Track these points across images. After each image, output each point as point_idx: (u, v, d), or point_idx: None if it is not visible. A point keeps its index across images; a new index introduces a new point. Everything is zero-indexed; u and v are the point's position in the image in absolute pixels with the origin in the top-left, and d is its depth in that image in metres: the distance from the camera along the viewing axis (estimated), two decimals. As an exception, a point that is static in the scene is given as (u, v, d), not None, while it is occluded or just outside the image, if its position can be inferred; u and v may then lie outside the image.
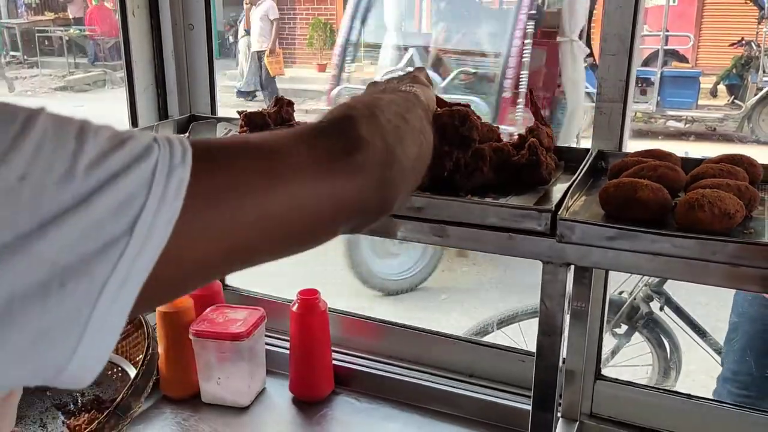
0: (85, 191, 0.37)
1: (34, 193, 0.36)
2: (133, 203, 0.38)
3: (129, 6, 1.44)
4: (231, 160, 0.45)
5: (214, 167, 0.44)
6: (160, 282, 0.40)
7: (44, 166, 0.36)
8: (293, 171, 0.48)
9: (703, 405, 1.24)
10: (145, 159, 0.40)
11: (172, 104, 1.55)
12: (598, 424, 1.28)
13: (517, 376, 1.36)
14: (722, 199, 0.83)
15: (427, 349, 1.46)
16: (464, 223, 0.92)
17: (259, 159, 0.47)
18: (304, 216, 0.49)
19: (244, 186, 0.45)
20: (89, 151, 0.38)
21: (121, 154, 0.39)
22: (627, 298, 2.68)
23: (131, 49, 1.47)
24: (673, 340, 2.66)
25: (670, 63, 8.46)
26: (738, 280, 0.80)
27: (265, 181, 0.46)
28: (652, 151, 1.05)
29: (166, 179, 0.40)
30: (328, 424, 1.39)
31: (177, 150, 0.41)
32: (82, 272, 0.37)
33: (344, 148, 0.52)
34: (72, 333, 0.37)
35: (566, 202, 0.89)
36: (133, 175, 0.39)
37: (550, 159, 1.05)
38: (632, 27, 1.11)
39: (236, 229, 0.44)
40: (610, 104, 1.15)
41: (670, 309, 2.68)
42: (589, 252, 0.85)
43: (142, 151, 0.40)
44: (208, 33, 1.53)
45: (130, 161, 0.39)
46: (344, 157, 0.52)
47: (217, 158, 0.45)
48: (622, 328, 2.72)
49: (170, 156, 0.41)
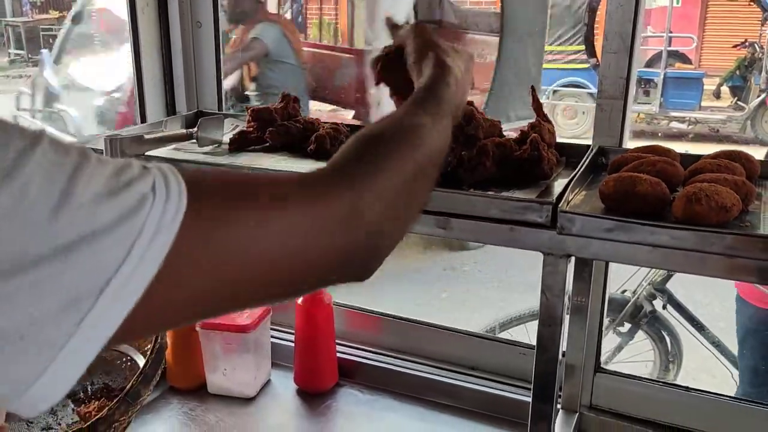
0: (62, 243, 0.36)
1: (13, 234, 0.35)
2: (108, 266, 0.38)
3: (139, 4, 1.46)
4: (226, 211, 0.45)
5: (206, 218, 0.43)
6: (130, 330, 0.40)
7: (28, 206, 0.36)
8: (289, 227, 0.48)
9: (701, 397, 1.26)
10: (135, 215, 0.39)
11: (179, 100, 1.58)
12: (597, 416, 1.30)
13: (518, 369, 1.39)
14: (719, 193, 0.85)
15: (429, 342, 1.48)
16: (467, 215, 0.94)
17: (255, 220, 0.46)
18: (294, 266, 0.49)
19: (234, 235, 0.44)
20: (79, 195, 0.37)
21: (112, 206, 0.38)
22: (630, 297, 2.70)
23: (140, 46, 1.50)
24: (674, 336, 2.69)
25: (673, 64, 8.47)
26: (734, 271, 0.82)
27: (257, 233, 0.46)
28: (651, 147, 1.07)
29: (149, 242, 0.39)
30: (332, 415, 1.42)
31: (171, 204, 0.40)
32: (43, 328, 0.36)
33: (341, 211, 0.51)
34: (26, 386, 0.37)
35: (567, 196, 0.92)
36: (115, 235, 0.38)
37: (551, 154, 1.07)
38: (633, 26, 1.13)
39: (219, 282, 0.44)
40: (611, 101, 1.17)
41: (672, 307, 2.71)
42: (589, 243, 0.87)
43: (135, 204, 0.39)
44: (216, 30, 1.56)
45: (117, 219, 0.38)
46: (340, 221, 0.51)
47: (211, 206, 0.44)
48: (625, 326, 2.74)
49: (161, 213, 0.40)
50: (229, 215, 0.44)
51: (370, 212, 0.53)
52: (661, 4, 9.14)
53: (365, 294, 1.22)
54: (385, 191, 0.55)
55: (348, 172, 0.54)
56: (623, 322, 2.71)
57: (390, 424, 1.37)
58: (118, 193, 0.39)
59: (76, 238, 0.37)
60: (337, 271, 0.54)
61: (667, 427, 1.27)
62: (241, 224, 0.45)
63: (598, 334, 1.31)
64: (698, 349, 2.71)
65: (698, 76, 8.15)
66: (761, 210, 0.93)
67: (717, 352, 2.63)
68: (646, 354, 2.77)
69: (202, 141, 1.26)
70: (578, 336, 1.26)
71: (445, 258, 4.73)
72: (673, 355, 2.70)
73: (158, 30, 1.53)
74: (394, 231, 0.57)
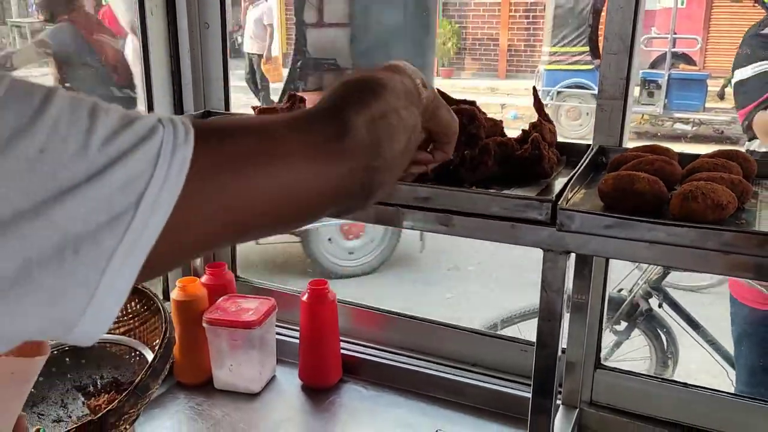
0: (96, 167, 0.40)
1: (52, 165, 0.39)
2: (139, 179, 0.41)
3: (147, 5, 1.49)
4: (230, 140, 0.49)
5: (214, 147, 0.47)
6: (163, 251, 0.43)
7: (61, 140, 0.39)
8: (285, 153, 0.52)
9: (699, 393, 1.27)
10: (151, 138, 0.43)
11: (187, 100, 1.60)
12: (597, 412, 1.32)
13: (519, 365, 1.41)
14: (715, 191, 0.87)
15: (431, 339, 1.51)
16: (469, 212, 0.96)
17: (255, 141, 0.51)
18: (292, 196, 0.52)
19: (241, 165, 0.48)
20: (101, 130, 0.41)
21: (130, 133, 0.42)
22: (627, 296, 2.72)
23: (149, 47, 1.52)
24: (670, 333, 2.70)
25: (677, 65, 8.47)
26: (730, 267, 0.84)
27: (259, 161, 0.50)
28: (650, 146, 1.09)
29: (170, 157, 0.43)
30: (336, 411, 1.44)
31: (180, 131, 0.44)
32: (93, 241, 0.40)
33: (333, 134, 0.55)
34: (82, 295, 0.40)
35: (566, 193, 0.94)
36: (140, 153, 0.42)
37: (551, 153, 1.09)
38: (633, 27, 1.15)
39: (232, 205, 0.48)
40: (611, 101, 1.19)
41: (668, 306, 2.72)
42: (588, 240, 0.90)
43: (148, 131, 0.43)
44: (223, 32, 1.58)
45: (137, 141, 0.42)
46: (331, 143, 0.55)
47: (217, 139, 0.48)
48: (621, 324, 2.76)
49: (174, 136, 0.44)
50: (230, 145, 0.48)
51: (363, 146, 0.57)
52: (665, 6, 9.15)
53: (371, 295, 1.23)
54: (375, 126, 0.59)
55: (339, 114, 0.58)
56: (620, 321, 2.73)
57: (393, 419, 1.40)
58: (132, 123, 0.43)
59: (107, 162, 0.40)
60: (338, 203, 0.59)
61: (667, 422, 1.28)
62: (250, 166, 0.49)
63: (598, 331, 1.33)
64: (695, 349, 2.72)
65: (702, 77, 8.15)
66: (757, 208, 0.95)
67: (712, 351, 2.65)
68: (642, 350, 2.78)
69: (210, 140, 1.28)
70: (578, 333, 1.28)
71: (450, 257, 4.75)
72: (669, 353, 2.72)
73: (167, 31, 1.55)
74: (388, 164, 0.61)
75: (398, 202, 1.00)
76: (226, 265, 1.60)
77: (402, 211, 1.00)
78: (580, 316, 1.27)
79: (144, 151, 0.42)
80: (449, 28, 11.34)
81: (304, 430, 1.43)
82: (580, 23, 8.26)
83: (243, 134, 0.50)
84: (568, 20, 8.82)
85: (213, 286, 1.53)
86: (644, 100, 8.22)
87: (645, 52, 8.82)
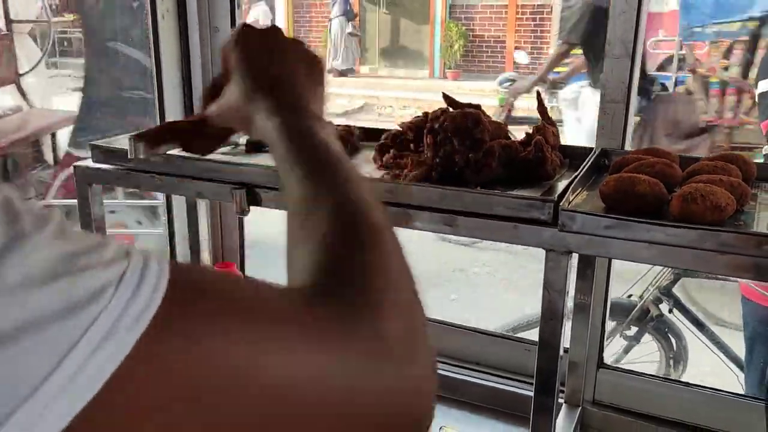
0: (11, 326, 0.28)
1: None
2: (29, 378, 0.29)
3: (159, 9, 1.52)
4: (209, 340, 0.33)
5: (182, 339, 0.33)
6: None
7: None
8: (300, 355, 0.37)
9: (701, 392, 1.29)
10: (81, 310, 0.30)
11: (197, 103, 1.63)
12: (600, 411, 1.34)
13: (522, 364, 1.43)
14: (714, 193, 0.89)
15: (435, 338, 1.52)
16: (473, 213, 0.99)
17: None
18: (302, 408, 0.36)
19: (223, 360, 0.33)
20: (5, 279, 0.29)
21: (50, 293, 0.30)
22: (637, 301, 2.73)
23: (160, 51, 1.55)
24: (680, 338, 2.71)
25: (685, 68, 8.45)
26: (728, 267, 0.86)
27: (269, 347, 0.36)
28: (652, 149, 1.11)
29: (90, 353, 0.29)
30: (342, 408, 1.46)
31: (135, 305, 0.31)
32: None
33: (362, 337, 0.40)
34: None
35: (568, 194, 0.96)
36: (42, 337, 0.29)
37: (554, 156, 1.11)
38: (635, 32, 1.17)
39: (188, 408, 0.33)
40: (614, 105, 1.21)
41: (678, 311, 2.73)
42: (589, 241, 0.92)
43: (85, 296, 0.30)
44: (233, 35, 1.61)
45: (55, 312, 0.29)
46: (362, 349, 0.39)
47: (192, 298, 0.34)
48: (632, 330, 2.77)
49: (121, 311, 0.31)
50: (217, 328, 0.34)
51: (395, 333, 0.41)
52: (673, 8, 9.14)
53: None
54: (399, 301, 0.44)
55: (346, 282, 0.43)
56: (630, 326, 2.74)
57: (398, 417, 1.42)
58: (63, 278, 0.30)
59: (21, 325, 0.29)
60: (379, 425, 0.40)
61: (668, 421, 1.30)
62: (233, 343, 0.34)
63: (601, 331, 1.34)
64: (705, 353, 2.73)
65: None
66: (756, 210, 0.97)
67: (722, 355, 2.65)
68: (652, 355, 2.79)
69: (220, 142, 1.31)
70: (581, 333, 1.30)
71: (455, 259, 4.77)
72: (678, 357, 2.73)
73: (177, 35, 1.59)
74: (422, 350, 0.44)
75: (404, 202, 1.03)
76: (234, 265, 1.63)
77: (408, 212, 1.03)
78: (583, 316, 1.29)
79: (57, 330, 0.29)
80: (456, 30, 11.37)
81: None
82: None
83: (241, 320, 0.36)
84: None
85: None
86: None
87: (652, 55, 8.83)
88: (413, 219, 1.03)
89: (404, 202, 1.03)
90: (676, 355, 2.72)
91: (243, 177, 1.14)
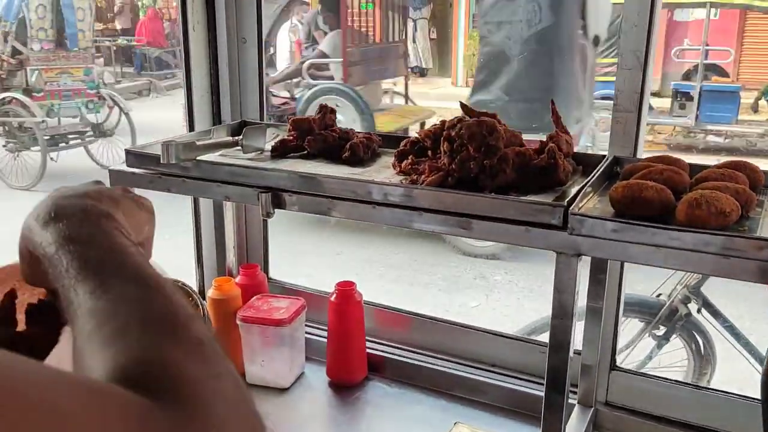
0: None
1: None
2: None
3: (190, 21, 1.59)
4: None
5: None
6: None
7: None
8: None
9: (714, 395, 1.32)
10: None
11: (225, 110, 1.70)
12: (612, 412, 1.37)
13: (537, 366, 1.46)
14: (719, 199, 0.93)
15: (453, 339, 1.57)
16: (487, 216, 1.03)
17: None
18: None
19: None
20: None
21: None
22: (666, 301, 2.74)
23: (191, 60, 1.62)
24: (707, 338, 2.70)
25: (710, 77, 8.41)
26: (731, 270, 0.89)
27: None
28: (661, 157, 1.15)
29: None
30: (361, 406, 1.51)
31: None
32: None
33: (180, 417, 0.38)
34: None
35: (578, 200, 1.00)
36: None
37: (567, 163, 1.16)
38: (647, 44, 1.21)
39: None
40: (626, 114, 1.25)
41: (707, 311, 2.73)
42: (598, 244, 0.96)
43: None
44: (259, 46, 1.68)
45: None
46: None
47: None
48: (660, 329, 2.77)
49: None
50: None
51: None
52: (698, 17, 9.10)
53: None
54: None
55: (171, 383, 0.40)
56: (659, 326, 2.75)
57: (415, 415, 1.46)
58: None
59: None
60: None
61: (681, 423, 1.33)
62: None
63: (614, 334, 1.38)
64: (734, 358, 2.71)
65: (735, 89, 8.08)
66: (761, 216, 1.00)
67: (749, 356, 2.64)
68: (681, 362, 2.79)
69: (247, 148, 1.37)
70: (594, 336, 1.34)
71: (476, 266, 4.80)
72: (706, 358, 2.72)
73: (207, 46, 1.66)
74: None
75: (421, 206, 1.08)
76: (258, 266, 1.69)
77: (424, 215, 1.07)
78: (596, 319, 1.33)
79: None
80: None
81: (331, 423, 1.51)
82: (611, 35, 8.25)
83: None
84: (598, 32, 8.82)
85: (246, 285, 1.62)
86: (676, 111, 8.18)
87: (677, 64, 8.79)
88: (429, 221, 1.08)
89: (421, 206, 1.08)
90: (704, 358, 2.71)
91: (268, 181, 1.20)
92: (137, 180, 1.30)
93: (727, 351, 2.69)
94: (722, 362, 2.74)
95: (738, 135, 8.01)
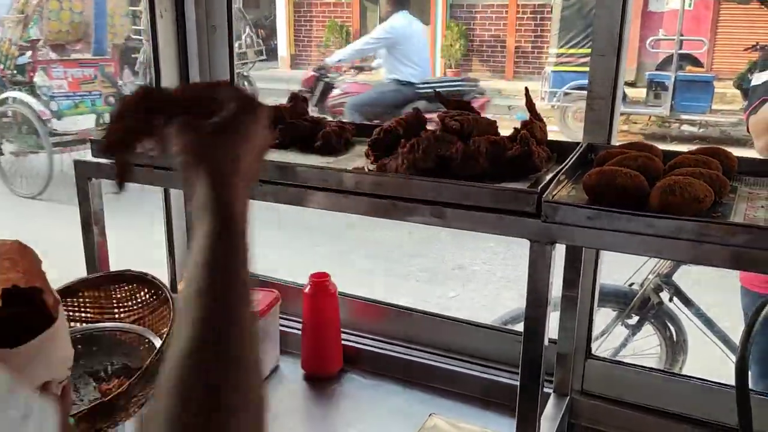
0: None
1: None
2: None
3: (157, 8, 1.55)
4: None
5: None
6: None
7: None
8: None
9: (688, 382, 1.32)
10: None
11: (194, 99, 1.66)
12: (587, 400, 1.37)
13: (512, 355, 1.46)
14: (692, 185, 0.92)
15: (429, 330, 1.56)
16: (460, 204, 1.02)
17: None
18: None
19: None
20: None
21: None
22: (638, 290, 2.75)
23: (159, 49, 1.58)
24: (679, 326, 2.73)
25: (684, 67, 8.48)
26: (704, 256, 0.89)
27: None
28: (635, 143, 1.15)
29: None
30: (337, 399, 1.50)
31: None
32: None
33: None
34: None
35: (552, 187, 0.99)
36: None
37: (541, 150, 1.14)
38: (620, 30, 1.20)
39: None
40: (600, 101, 1.24)
41: (678, 300, 2.75)
42: (571, 231, 0.95)
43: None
44: (230, 35, 1.64)
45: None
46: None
47: None
48: (633, 318, 2.79)
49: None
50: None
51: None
52: (673, 7, 9.16)
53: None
54: None
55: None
56: (631, 315, 2.76)
57: (392, 407, 1.45)
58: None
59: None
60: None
61: (656, 411, 1.33)
62: None
63: (589, 322, 1.37)
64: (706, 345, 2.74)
65: (709, 79, 8.17)
66: (735, 202, 1.00)
67: (722, 344, 2.67)
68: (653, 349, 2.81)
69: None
70: (569, 325, 1.33)
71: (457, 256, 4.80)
72: (679, 346, 2.75)
73: (175, 33, 1.61)
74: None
75: (393, 194, 1.05)
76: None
77: (397, 204, 1.05)
78: (571, 308, 1.32)
79: None
80: (456, 30, 11.39)
81: (306, 416, 1.48)
82: (587, 24, 8.29)
83: None
84: (575, 22, 8.86)
85: (219, 278, 1.59)
86: (651, 101, 8.25)
87: (652, 54, 8.85)
88: (402, 211, 1.06)
89: (393, 194, 1.06)
90: (676, 346, 2.74)
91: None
92: (102, 170, 1.27)
93: (699, 338, 2.72)
94: (693, 350, 2.77)
95: (712, 124, 8.10)
